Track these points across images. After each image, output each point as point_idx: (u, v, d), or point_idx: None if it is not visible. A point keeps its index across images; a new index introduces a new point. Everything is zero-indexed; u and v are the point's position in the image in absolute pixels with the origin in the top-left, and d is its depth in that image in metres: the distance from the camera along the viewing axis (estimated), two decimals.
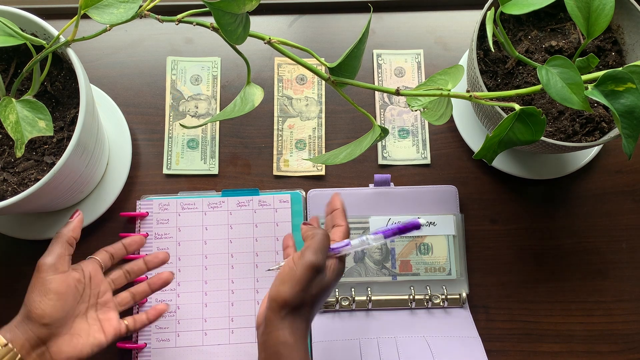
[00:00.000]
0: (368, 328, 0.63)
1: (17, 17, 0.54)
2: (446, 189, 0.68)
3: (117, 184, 0.66)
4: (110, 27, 0.50)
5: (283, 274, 0.48)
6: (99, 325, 0.54)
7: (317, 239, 0.49)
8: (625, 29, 0.61)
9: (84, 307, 0.54)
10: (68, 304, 0.51)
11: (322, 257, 0.48)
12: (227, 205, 0.67)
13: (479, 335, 0.63)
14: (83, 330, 0.53)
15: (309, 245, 0.48)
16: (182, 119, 0.71)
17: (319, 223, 0.60)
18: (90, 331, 0.53)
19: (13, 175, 0.54)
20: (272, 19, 0.75)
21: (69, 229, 0.54)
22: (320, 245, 0.48)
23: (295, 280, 0.46)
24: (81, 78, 0.52)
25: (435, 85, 0.54)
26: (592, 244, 0.69)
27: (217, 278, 0.65)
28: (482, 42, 0.61)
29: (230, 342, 0.63)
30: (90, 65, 0.71)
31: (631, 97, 0.46)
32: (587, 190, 0.70)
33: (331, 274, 0.50)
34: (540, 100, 0.61)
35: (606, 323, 0.66)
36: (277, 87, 0.72)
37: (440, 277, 0.66)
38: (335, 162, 0.54)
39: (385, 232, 0.51)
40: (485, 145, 0.50)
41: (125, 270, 0.59)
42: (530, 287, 0.67)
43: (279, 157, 0.70)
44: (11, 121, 0.49)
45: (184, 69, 0.72)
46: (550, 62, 0.47)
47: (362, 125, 0.71)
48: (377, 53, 0.74)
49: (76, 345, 0.51)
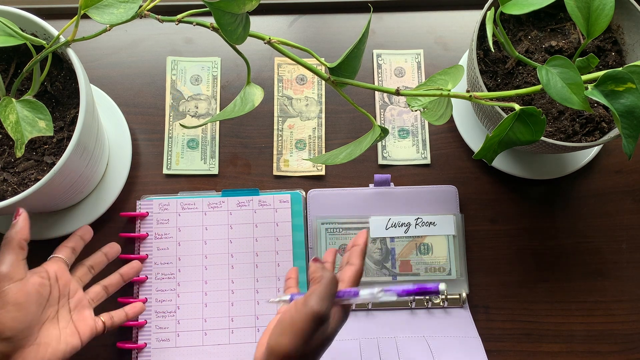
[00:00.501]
0: (368, 328, 0.63)
1: (17, 17, 0.54)
2: (446, 189, 0.68)
3: (117, 184, 0.66)
4: (110, 27, 0.50)
5: (284, 322, 0.43)
6: (72, 328, 0.51)
7: (324, 283, 0.43)
8: (625, 29, 0.61)
9: (52, 311, 0.51)
10: (30, 313, 0.47)
11: (327, 305, 0.43)
12: (227, 205, 0.67)
13: (479, 335, 0.63)
14: (52, 337, 0.49)
15: (314, 291, 0.43)
16: (182, 119, 0.71)
17: (335, 257, 0.55)
18: (61, 337, 0.50)
19: (13, 175, 0.54)
20: (272, 19, 0.75)
21: (16, 231, 0.48)
22: (327, 291, 0.43)
23: (297, 331, 0.42)
24: (81, 78, 0.52)
25: (435, 85, 0.54)
26: (592, 244, 0.69)
27: (217, 278, 0.65)
28: (482, 42, 0.61)
29: (230, 342, 0.63)
30: (90, 65, 0.71)
31: (631, 97, 0.46)
32: (587, 190, 0.70)
33: (333, 323, 0.45)
34: (540, 100, 0.61)
35: (606, 323, 0.66)
36: (277, 87, 0.72)
37: (440, 277, 0.66)
38: (335, 162, 0.54)
39: (399, 293, 0.45)
40: (485, 145, 0.50)
41: (89, 265, 0.57)
42: (530, 287, 0.67)
43: (279, 157, 0.70)
44: (11, 121, 0.49)
45: (184, 69, 0.72)
46: (550, 62, 0.47)
47: (362, 125, 0.71)
48: (377, 53, 0.74)
49: (44, 356, 0.48)
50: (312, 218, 0.67)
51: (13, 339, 0.46)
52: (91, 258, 0.58)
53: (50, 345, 0.49)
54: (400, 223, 0.66)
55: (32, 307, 0.47)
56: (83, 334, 0.52)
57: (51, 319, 0.50)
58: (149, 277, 0.64)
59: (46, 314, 0.50)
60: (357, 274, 0.49)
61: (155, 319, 0.63)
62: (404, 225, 0.66)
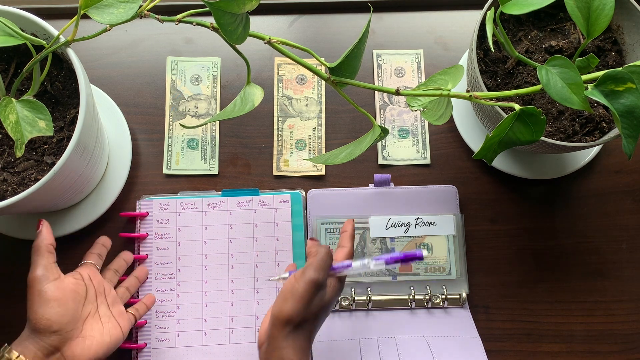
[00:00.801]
0: (368, 328, 0.63)
1: (17, 17, 0.54)
2: (446, 189, 0.68)
3: (117, 184, 0.66)
4: (110, 27, 0.50)
5: (285, 292, 0.48)
6: (114, 322, 0.56)
7: (319, 256, 0.50)
8: (625, 29, 0.61)
9: (92, 308, 0.55)
10: (70, 307, 0.52)
11: (323, 275, 0.49)
12: (227, 205, 0.67)
13: (479, 335, 0.63)
14: (96, 330, 0.54)
15: (311, 263, 0.49)
16: (182, 119, 0.71)
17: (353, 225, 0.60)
18: (104, 330, 0.54)
19: (13, 175, 0.54)
20: (272, 19, 0.75)
21: (43, 238, 0.53)
22: (323, 263, 0.49)
23: (298, 297, 0.47)
24: (81, 78, 0.52)
25: (435, 85, 0.54)
26: (592, 244, 0.69)
27: (217, 278, 0.65)
28: (482, 42, 0.61)
29: (230, 342, 0.63)
30: (90, 65, 0.71)
31: (631, 97, 0.46)
32: (587, 190, 0.70)
33: (331, 292, 0.51)
34: (540, 100, 0.61)
35: (606, 323, 0.66)
36: (277, 87, 0.72)
37: (440, 277, 0.66)
38: (335, 162, 0.54)
39: (387, 260, 0.52)
40: (485, 145, 0.50)
41: (114, 269, 0.62)
42: (530, 287, 0.67)
43: (279, 157, 0.70)
44: (11, 121, 0.49)
45: (184, 69, 0.72)
46: (550, 62, 0.47)
47: (362, 125, 0.71)
48: (377, 53, 0.74)
49: (90, 347, 0.52)
50: (312, 218, 0.67)
51: (61, 331, 0.50)
52: (114, 263, 0.62)
53: (95, 337, 0.53)
54: (400, 223, 0.66)
55: (70, 302, 0.52)
56: (123, 326, 0.56)
57: (92, 315, 0.55)
58: (149, 277, 0.64)
59: (86, 310, 0.54)
60: (348, 254, 0.55)
61: (155, 319, 0.63)
62: (404, 225, 0.66)
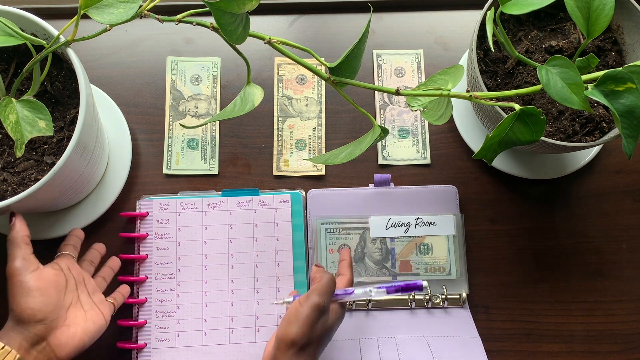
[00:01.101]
0: (368, 328, 0.63)
1: (17, 17, 0.54)
2: (446, 189, 0.68)
3: (117, 184, 0.66)
4: (110, 27, 0.50)
5: (289, 315, 0.50)
6: (96, 310, 0.56)
7: (323, 282, 0.52)
8: (625, 29, 0.61)
9: (74, 297, 0.55)
10: (53, 296, 0.52)
11: (327, 299, 0.51)
12: (227, 205, 0.67)
13: (479, 335, 0.63)
14: (79, 318, 0.54)
15: (315, 288, 0.52)
16: (182, 119, 0.71)
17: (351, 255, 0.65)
18: (87, 317, 0.55)
19: (13, 175, 0.54)
20: (272, 19, 0.75)
21: (18, 230, 0.53)
22: (327, 288, 0.52)
23: (302, 320, 0.49)
24: (81, 78, 0.52)
25: (435, 85, 0.54)
26: (592, 244, 0.69)
27: (217, 278, 0.65)
28: (482, 42, 0.61)
29: (230, 342, 0.63)
30: (90, 65, 0.71)
31: (631, 97, 0.46)
32: (587, 190, 0.70)
33: (333, 317, 0.53)
34: (540, 100, 0.61)
35: (606, 323, 0.66)
36: (277, 87, 0.72)
37: (440, 277, 0.66)
38: (335, 162, 0.54)
39: (388, 288, 0.55)
40: (485, 145, 0.50)
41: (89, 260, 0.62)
42: (530, 287, 0.67)
43: (279, 157, 0.70)
44: (11, 121, 0.49)
45: (184, 69, 0.72)
46: (550, 62, 0.47)
47: (362, 125, 0.71)
48: (377, 53, 0.74)
49: (75, 334, 0.53)
50: (312, 218, 0.67)
51: (45, 321, 0.51)
52: (88, 254, 0.63)
53: (79, 325, 0.54)
54: (400, 223, 0.66)
55: (52, 291, 0.52)
56: (105, 313, 0.57)
57: (75, 304, 0.55)
58: (149, 277, 0.64)
59: (68, 299, 0.54)
60: (349, 282, 0.58)
61: (155, 319, 0.63)
62: (404, 225, 0.66)
